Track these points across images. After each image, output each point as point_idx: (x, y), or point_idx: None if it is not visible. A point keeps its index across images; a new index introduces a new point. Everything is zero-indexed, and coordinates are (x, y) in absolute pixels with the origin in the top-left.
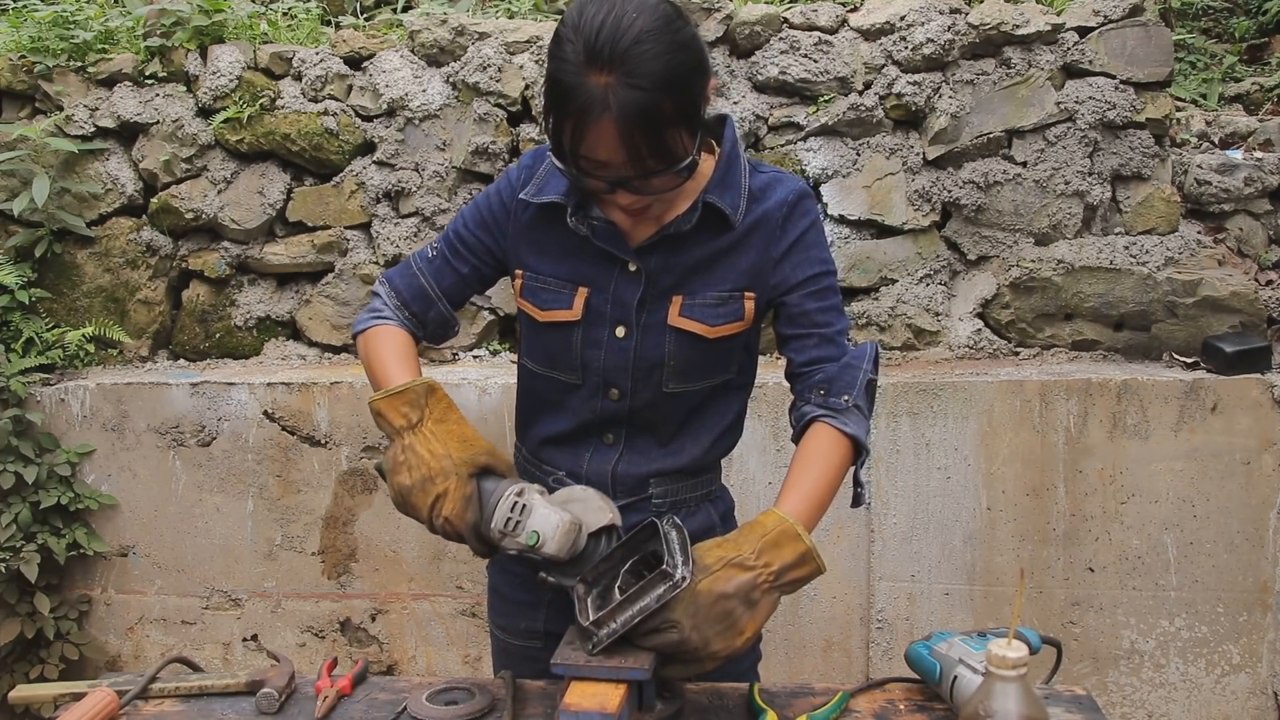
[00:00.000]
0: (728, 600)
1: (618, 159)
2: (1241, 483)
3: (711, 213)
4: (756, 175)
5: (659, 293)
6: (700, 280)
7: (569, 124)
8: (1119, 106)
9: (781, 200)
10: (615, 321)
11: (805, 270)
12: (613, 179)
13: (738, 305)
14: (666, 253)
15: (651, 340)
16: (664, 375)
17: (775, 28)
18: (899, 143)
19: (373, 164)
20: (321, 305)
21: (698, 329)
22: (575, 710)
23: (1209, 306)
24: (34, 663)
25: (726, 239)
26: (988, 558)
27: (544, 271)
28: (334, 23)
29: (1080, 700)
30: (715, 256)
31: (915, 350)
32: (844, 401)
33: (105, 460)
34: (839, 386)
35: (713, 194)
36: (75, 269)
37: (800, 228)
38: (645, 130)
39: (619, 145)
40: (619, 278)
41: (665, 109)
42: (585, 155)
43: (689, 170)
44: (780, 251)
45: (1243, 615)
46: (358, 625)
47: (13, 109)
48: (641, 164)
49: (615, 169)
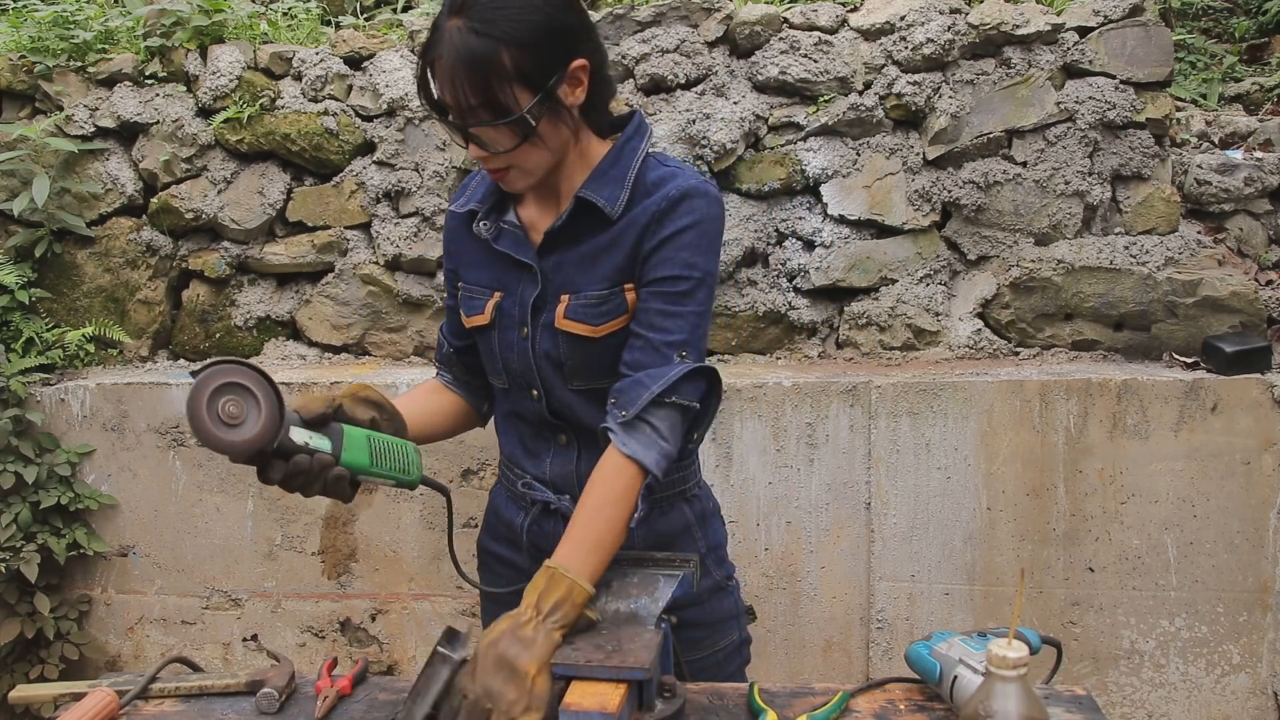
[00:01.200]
0: (497, 645)
1: (449, 101)
2: (1241, 483)
3: (588, 207)
4: (655, 169)
5: (553, 292)
6: (584, 277)
7: (424, 63)
8: (1119, 106)
9: (664, 195)
10: (520, 323)
11: (663, 269)
12: (451, 124)
13: (620, 300)
14: (561, 250)
15: (547, 340)
16: (565, 374)
17: (775, 28)
18: (899, 143)
19: (373, 164)
20: (321, 305)
21: (582, 330)
22: (575, 710)
23: (1209, 306)
24: (34, 663)
25: (607, 235)
26: (988, 558)
27: (470, 280)
28: (334, 23)
29: (1080, 700)
30: (597, 252)
31: (915, 350)
32: (623, 415)
33: (105, 460)
34: (623, 400)
35: (588, 188)
36: (75, 269)
37: (677, 225)
38: (470, 74)
39: (450, 85)
40: (524, 280)
41: (501, 60)
42: (435, 94)
43: (522, 130)
44: (651, 246)
45: (1243, 615)
46: (358, 625)
47: (13, 109)
48: (469, 109)
49: (454, 112)
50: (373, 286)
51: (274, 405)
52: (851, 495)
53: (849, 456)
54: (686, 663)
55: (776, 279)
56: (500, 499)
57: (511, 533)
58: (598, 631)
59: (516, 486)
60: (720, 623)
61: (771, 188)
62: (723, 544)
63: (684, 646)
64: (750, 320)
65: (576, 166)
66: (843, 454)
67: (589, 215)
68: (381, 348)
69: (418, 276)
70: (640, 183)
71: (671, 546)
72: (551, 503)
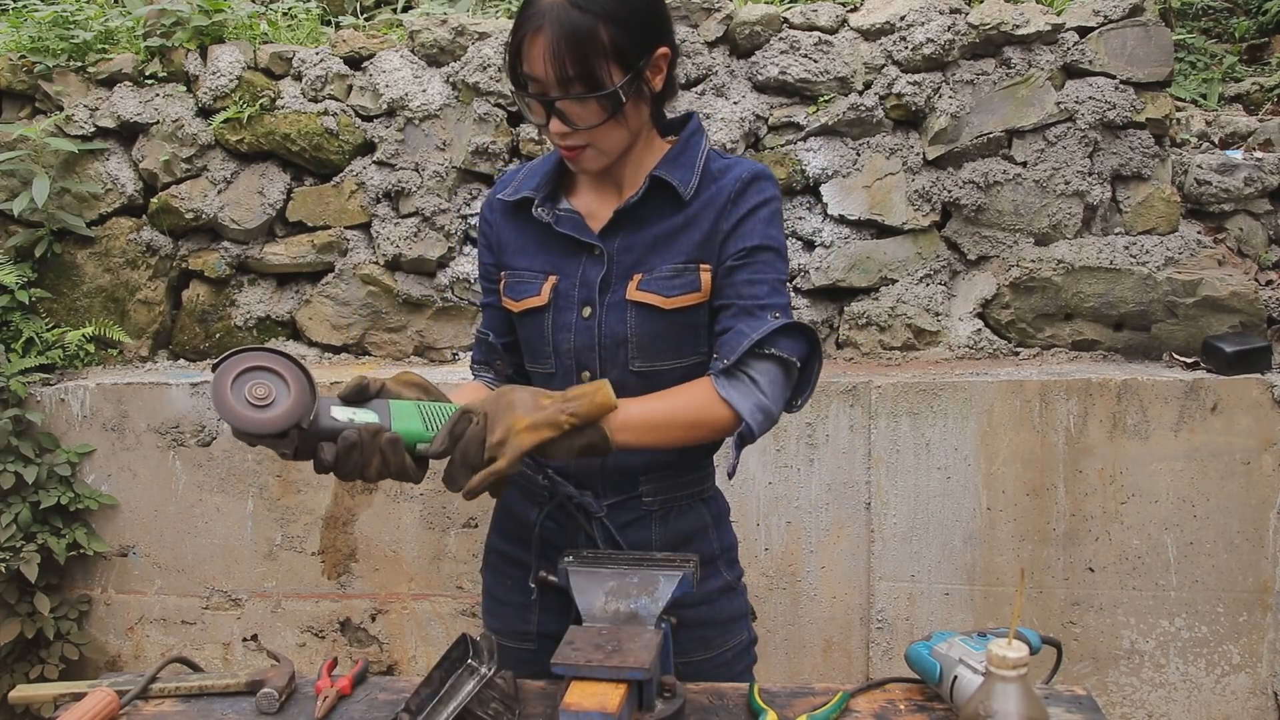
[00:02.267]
0: (513, 392)
1: (546, 74)
2: (1241, 483)
3: (663, 188)
4: (718, 160)
5: (621, 272)
6: (658, 256)
7: (514, 35)
8: (1119, 106)
9: (736, 176)
10: (582, 303)
11: (744, 241)
12: (542, 98)
13: (693, 277)
14: (626, 233)
15: (614, 317)
16: (629, 352)
17: (775, 28)
18: (899, 143)
19: (373, 164)
20: (321, 305)
21: (654, 300)
22: (575, 710)
23: (1209, 306)
24: (34, 663)
25: (682, 215)
26: (988, 558)
27: (519, 266)
28: (334, 23)
29: (1080, 700)
30: (671, 233)
31: (915, 350)
32: (723, 363)
33: (105, 460)
34: (724, 351)
35: (662, 169)
36: (75, 269)
37: (751, 203)
38: (573, 48)
39: (548, 59)
40: (585, 262)
41: (599, 35)
42: (526, 72)
43: (613, 105)
44: (730, 225)
45: (1243, 615)
46: (358, 625)
47: (13, 109)
48: (567, 83)
49: (545, 87)
50: (373, 286)
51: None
52: (851, 495)
53: (849, 456)
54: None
55: None
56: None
57: (522, 530)
58: (598, 631)
59: (537, 480)
60: (730, 622)
61: None
62: (734, 546)
63: (694, 646)
64: None
65: (643, 155)
66: (843, 454)
67: (659, 197)
68: (381, 348)
69: (418, 276)
70: (707, 170)
71: (688, 545)
72: (574, 496)
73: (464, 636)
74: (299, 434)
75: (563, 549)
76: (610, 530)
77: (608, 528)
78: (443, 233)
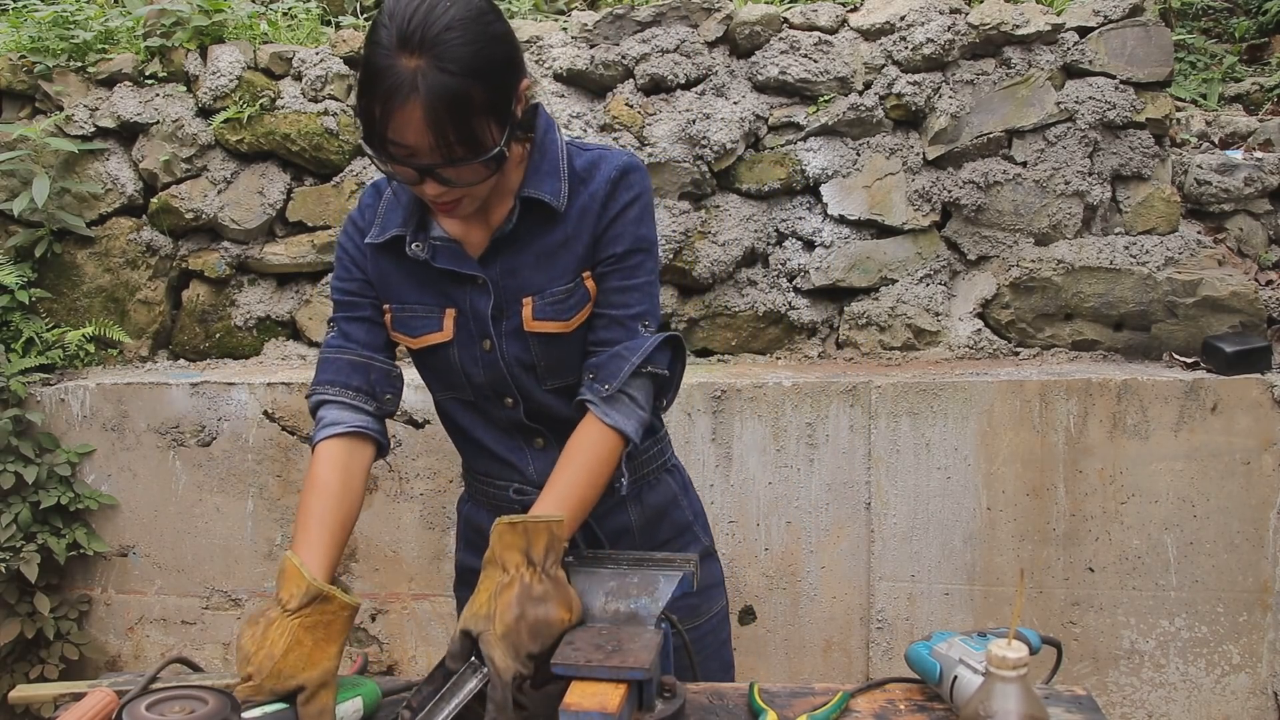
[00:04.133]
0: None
1: (424, 144)
2: (1241, 483)
3: (535, 205)
4: (580, 156)
5: (510, 297)
6: (543, 275)
7: (378, 107)
8: (1119, 106)
9: (605, 178)
10: (480, 336)
11: (616, 246)
12: (420, 166)
13: (583, 290)
14: (506, 257)
15: (516, 345)
16: (539, 376)
17: (775, 28)
18: (899, 143)
19: (373, 164)
20: (321, 305)
21: (554, 327)
22: (575, 710)
23: (1209, 306)
24: (34, 663)
25: (560, 230)
26: (988, 558)
27: (409, 300)
28: (334, 23)
29: (1080, 700)
30: (553, 250)
31: (915, 350)
32: (605, 389)
33: (105, 460)
34: (604, 374)
35: (529, 187)
36: (75, 269)
37: (621, 202)
38: (452, 115)
39: (426, 129)
40: (471, 293)
41: (474, 96)
42: (394, 140)
43: (496, 163)
44: (602, 227)
45: (1243, 615)
46: (358, 625)
47: (13, 109)
48: (449, 149)
49: (422, 155)
50: None
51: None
52: (851, 495)
53: (849, 456)
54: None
55: (776, 279)
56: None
57: None
58: (598, 631)
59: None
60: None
61: (771, 188)
62: (703, 512)
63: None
64: (750, 320)
65: (510, 177)
66: (843, 454)
67: (533, 213)
68: None
69: None
70: (573, 172)
71: (664, 517)
72: None
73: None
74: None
75: None
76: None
77: (588, 524)
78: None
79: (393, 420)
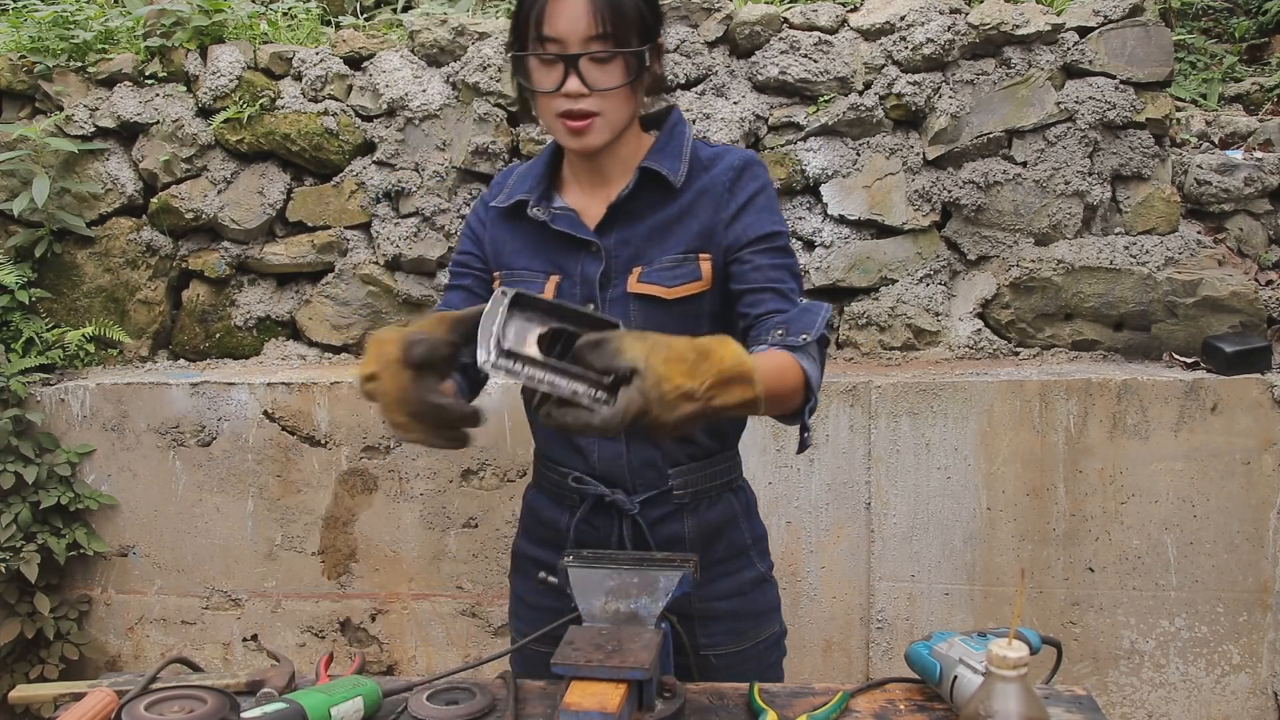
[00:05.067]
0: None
1: (577, 29)
2: (1241, 483)
3: (653, 179)
4: (704, 149)
5: (620, 267)
6: (656, 248)
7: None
8: (1119, 106)
9: (728, 165)
10: (584, 300)
11: (757, 229)
12: (567, 55)
13: (693, 267)
14: (621, 228)
15: (617, 311)
16: None
17: (775, 28)
18: (899, 143)
19: (373, 164)
20: (321, 305)
21: (656, 291)
22: (575, 710)
23: (1209, 306)
24: (34, 663)
25: (675, 206)
26: (988, 558)
27: (517, 266)
28: (334, 23)
29: (1080, 700)
30: (667, 224)
31: (915, 350)
32: (801, 340)
33: (105, 460)
34: (797, 327)
35: (650, 160)
36: (75, 269)
37: (749, 190)
38: (610, 3)
39: (583, 11)
40: (583, 260)
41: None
42: (547, 34)
43: (635, 67)
44: (730, 213)
45: (1243, 615)
46: (358, 625)
47: (13, 109)
48: (599, 38)
49: (572, 44)
50: (373, 286)
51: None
52: (851, 495)
53: (849, 456)
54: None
55: None
56: (539, 501)
57: (554, 534)
58: (598, 631)
59: (566, 482)
60: (762, 615)
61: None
62: (764, 537)
63: (725, 638)
64: None
65: (629, 148)
66: (843, 454)
67: (650, 188)
68: None
69: (418, 276)
70: (696, 158)
71: (721, 536)
72: (606, 495)
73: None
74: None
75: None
76: (642, 527)
77: (640, 525)
78: (443, 233)
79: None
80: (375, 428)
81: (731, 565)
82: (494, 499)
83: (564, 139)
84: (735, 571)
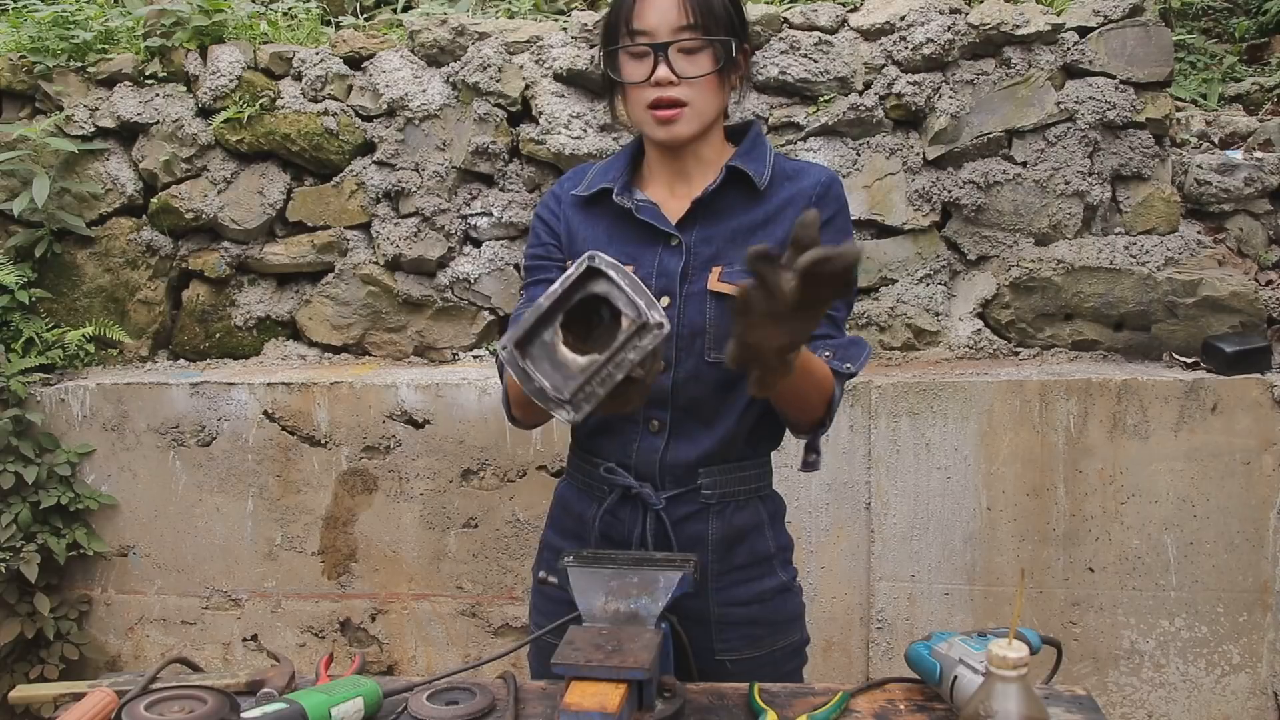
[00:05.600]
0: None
1: (667, 19)
2: (1241, 483)
3: (738, 180)
4: (787, 162)
5: (700, 264)
6: (738, 251)
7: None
8: (1119, 106)
9: (816, 180)
10: (660, 292)
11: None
12: (657, 44)
13: None
14: (704, 225)
15: (693, 307)
16: (705, 342)
17: (775, 28)
18: (899, 143)
19: (373, 164)
20: (321, 305)
21: (735, 291)
22: (575, 710)
23: (1209, 306)
24: (34, 663)
25: (761, 211)
26: (988, 558)
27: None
28: (334, 23)
29: (1080, 700)
30: (751, 228)
31: (915, 350)
32: (846, 369)
33: (105, 460)
34: (844, 355)
35: (737, 160)
36: (75, 269)
37: (832, 210)
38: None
39: (675, 2)
40: (662, 252)
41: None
42: (638, 27)
43: (724, 56)
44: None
45: (1243, 615)
46: (358, 625)
47: (13, 109)
48: (690, 26)
49: (661, 34)
50: (373, 286)
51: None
52: (851, 495)
53: (849, 456)
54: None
55: None
56: (570, 494)
57: (580, 526)
58: (598, 631)
59: (598, 472)
60: (783, 623)
61: None
62: (790, 547)
63: (742, 644)
64: None
65: (712, 150)
66: (843, 454)
67: (735, 189)
68: (381, 348)
69: (418, 276)
70: (779, 168)
71: (743, 541)
72: (633, 487)
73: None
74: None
75: (619, 544)
76: (665, 524)
77: (663, 522)
78: (443, 233)
79: (393, 420)
80: (375, 428)
81: (752, 572)
82: (494, 499)
83: (652, 130)
84: (755, 579)
